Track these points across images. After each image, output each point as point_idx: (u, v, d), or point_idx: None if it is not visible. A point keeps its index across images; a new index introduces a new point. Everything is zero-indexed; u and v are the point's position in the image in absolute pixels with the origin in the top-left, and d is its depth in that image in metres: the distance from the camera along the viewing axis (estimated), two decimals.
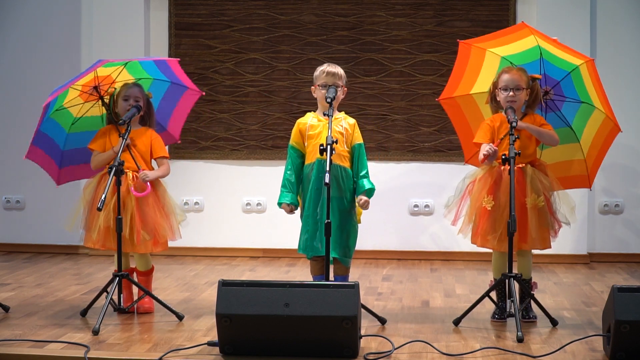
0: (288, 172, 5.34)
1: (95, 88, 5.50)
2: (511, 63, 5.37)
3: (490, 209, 5.24)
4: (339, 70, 5.35)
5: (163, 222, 5.44)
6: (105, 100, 5.52)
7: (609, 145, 5.50)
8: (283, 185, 5.33)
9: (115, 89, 5.51)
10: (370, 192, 5.28)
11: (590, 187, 5.61)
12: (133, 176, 5.40)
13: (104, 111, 5.58)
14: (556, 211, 5.32)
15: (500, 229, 5.21)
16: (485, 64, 5.46)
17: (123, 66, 5.48)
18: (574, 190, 5.72)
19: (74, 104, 5.53)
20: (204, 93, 5.83)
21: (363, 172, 5.31)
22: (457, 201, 5.38)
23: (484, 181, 5.30)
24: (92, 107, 5.58)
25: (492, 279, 5.40)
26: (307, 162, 5.34)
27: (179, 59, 5.66)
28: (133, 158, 5.37)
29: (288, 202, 5.29)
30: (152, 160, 5.56)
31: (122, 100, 5.43)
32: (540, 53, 5.33)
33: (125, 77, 5.52)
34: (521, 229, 5.18)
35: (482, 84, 5.48)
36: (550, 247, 5.35)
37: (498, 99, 5.32)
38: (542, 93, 5.40)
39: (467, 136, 5.61)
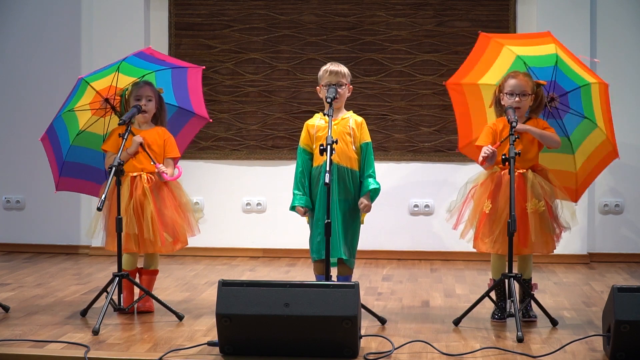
0: (299, 174, 5.33)
1: (107, 100, 5.51)
2: (524, 63, 5.36)
3: (488, 212, 5.25)
4: (342, 68, 5.35)
5: (181, 220, 5.45)
6: (118, 111, 5.52)
7: (603, 167, 5.52)
8: (296, 188, 5.32)
9: (126, 88, 5.51)
10: (374, 192, 5.28)
11: (576, 202, 5.57)
12: (148, 178, 5.40)
13: (107, 130, 5.59)
14: (558, 215, 5.32)
15: (497, 232, 5.21)
16: (500, 59, 5.42)
17: (116, 71, 5.46)
18: None
19: (83, 109, 5.52)
20: (211, 120, 5.88)
21: (369, 172, 5.30)
22: (459, 206, 5.38)
23: (485, 186, 5.30)
24: (95, 122, 5.58)
25: (491, 279, 5.41)
26: (315, 164, 5.33)
27: (204, 67, 5.69)
28: (149, 156, 5.36)
29: (302, 205, 5.29)
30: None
31: (134, 100, 5.43)
32: (556, 61, 5.31)
33: (125, 80, 5.51)
34: (522, 234, 5.18)
35: (491, 77, 5.46)
36: (552, 251, 5.35)
37: (503, 103, 5.32)
38: (547, 99, 5.39)
39: (464, 124, 5.61)
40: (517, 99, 5.23)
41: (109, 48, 7.56)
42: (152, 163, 5.39)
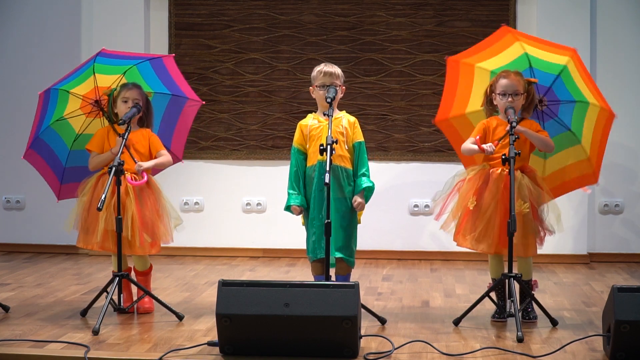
0: (294, 174, 5.34)
1: (97, 102, 5.51)
2: (529, 61, 5.33)
3: (472, 209, 5.24)
4: (336, 69, 5.36)
5: (159, 223, 5.44)
6: (106, 112, 5.52)
7: (608, 134, 5.45)
8: (290, 188, 5.33)
9: (114, 88, 5.51)
10: (368, 190, 5.29)
11: (597, 182, 5.58)
12: (131, 177, 5.39)
13: (82, 131, 5.58)
14: (543, 219, 5.31)
15: (479, 229, 5.21)
16: (508, 51, 5.43)
17: (122, 74, 5.47)
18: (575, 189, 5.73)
19: (75, 115, 5.52)
20: (204, 102, 5.81)
21: (362, 170, 5.32)
22: (444, 197, 5.39)
23: (472, 182, 5.30)
24: (92, 122, 5.57)
25: (491, 280, 5.41)
26: (309, 164, 5.35)
27: (174, 55, 5.66)
28: (132, 157, 5.36)
29: (298, 204, 5.29)
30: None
31: (122, 101, 5.42)
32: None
33: (106, 79, 5.50)
34: (503, 234, 5.14)
35: (491, 64, 5.46)
36: (535, 254, 5.32)
37: (495, 102, 5.32)
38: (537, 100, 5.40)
39: (447, 100, 5.61)
40: (509, 99, 5.23)
41: (109, 48, 7.53)
42: (134, 162, 5.37)
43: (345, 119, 5.37)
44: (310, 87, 5.41)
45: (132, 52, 5.82)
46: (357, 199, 5.29)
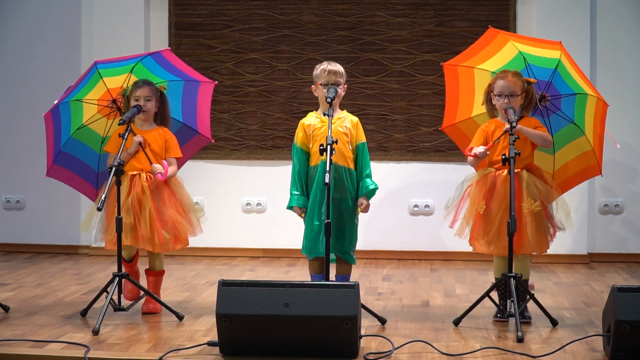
0: (297, 174, 5.34)
1: (114, 102, 5.52)
2: (524, 59, 5.35)
3: (482, 213, 5.25)
4: (339, 68, 5.35)
5: (181, 218, 5.43)
6: (122, 112, 5.52)
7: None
8: (294, 188, 5.33)
9: (127, 87, 5.50)
10: (373, 192, 5.31)
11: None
12: (147, 177, 5.39)
13: (108, 132, 5.59)
14: (552, 216, 5.33)
15: (491, 233, 5.23)
16: (502, 52, 5.42)
17: (130, 72, 5.47)
18: (575, 189, 5.73)
19: (95, 120, 5.53)
20: (217, 82, 5.81)
21: (367, 172, 5.33)
22: (455, 204, 5.40)
23: (480, 186, 5.31)
24: (98, 119, 5.57)
25: (495, 280, 5.41)
26: (311, 163, 5.35)
27: (169, 48, 5.66)
28: (147, 157, 5.36)
29: (301, 206, 5.29)
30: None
31: (134, 100, 5.43)
32: (557, 65, 5.32)
33: None
34: (517, 234, 5.16)
35: (489, 65, 5.45)
36: (546, 251, 5.35)
37: (493, 102, 5.34)
38: (538, 97, 5.40)
39: (451, 106, 5.62)
40: (506, 100, 5.25)
41: (109, 48, 7.55)
42: (150, 164, 5.38)
43: (348, 119, 5.37)
44: (313, 86, 5.41)
45: (130, 53, 5.83)
46: (364, 202, 5.30)
